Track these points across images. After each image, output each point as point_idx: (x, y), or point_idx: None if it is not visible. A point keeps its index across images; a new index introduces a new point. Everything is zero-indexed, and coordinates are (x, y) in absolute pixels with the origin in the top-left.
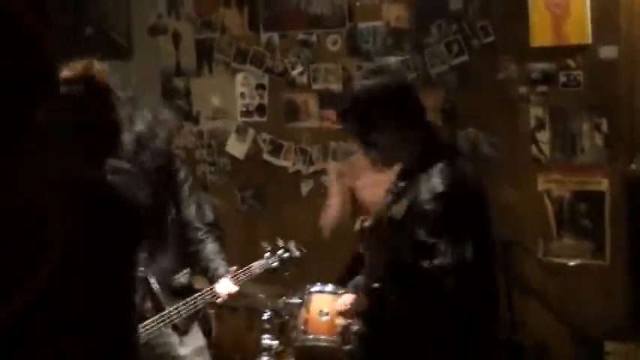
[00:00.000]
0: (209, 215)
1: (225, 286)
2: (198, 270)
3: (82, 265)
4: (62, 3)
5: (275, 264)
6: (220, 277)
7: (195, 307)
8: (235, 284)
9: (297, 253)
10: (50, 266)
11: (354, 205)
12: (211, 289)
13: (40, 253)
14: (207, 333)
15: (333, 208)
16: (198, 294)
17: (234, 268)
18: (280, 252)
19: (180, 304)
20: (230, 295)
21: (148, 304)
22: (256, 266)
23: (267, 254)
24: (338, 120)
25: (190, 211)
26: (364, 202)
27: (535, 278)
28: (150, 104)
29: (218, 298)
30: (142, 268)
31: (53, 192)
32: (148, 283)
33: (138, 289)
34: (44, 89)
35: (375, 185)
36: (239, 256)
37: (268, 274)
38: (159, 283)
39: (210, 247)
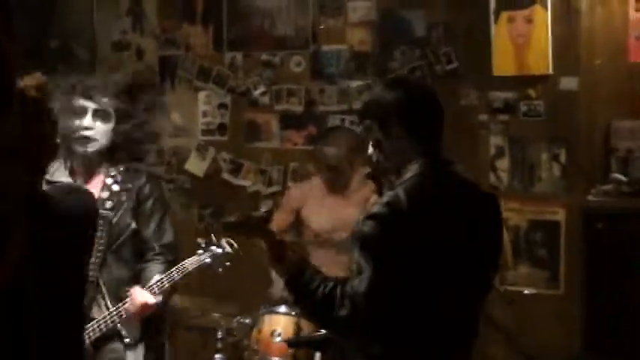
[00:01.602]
0: (167, 237)
1: (140, 296)
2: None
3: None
4: (28, 16)
5: (208, 260)
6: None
7: (113, 321)
8: (158, 292)
9: (228, 249)
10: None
11: (299, 228)
12: (130, 300)
13: None
14: (159, 350)
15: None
16: (116, 307)
17: (156, 278)
18: (213, 248)
19: (102, 317)
20: (144, 305)
21: (95, 310)
22: (188, 263)
23: (200, 251)
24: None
25: (149, 228)
26: (309, 226)
27: (491, 306)
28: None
29: (129, 310)
30: (93, 273)
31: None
32: (98, 288)
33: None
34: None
35: (323, 209)
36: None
37: (202, 271)
38: (109, 291)
39: (155, 268)
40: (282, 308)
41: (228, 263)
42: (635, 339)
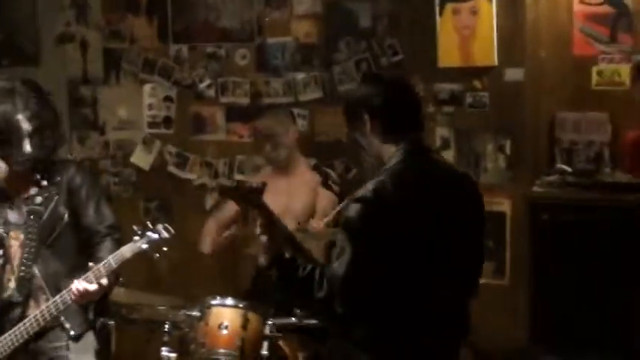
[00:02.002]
0: (109, 218)
1: (79, 284)
2: None
3: None
4: None
5: (144, 246)
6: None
7: (57, 309)
8: (96, 279)
9: (165, 234)
10: None
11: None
12: (69, 290)
13: None
14: (105, 343)
15: (220, 221)
16: (55, 297)
17: (92, 264)
18: (149, 234)
19: (42, 308)
20: (83, 293)
21: (31, 304)
22: (126, 250)
23: (136, 237)
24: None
25: (89, 215)
26: None
27: None
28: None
29: (68, 298)
30: (25, 269)
31: None
32: (34, 283)
33: (22, 287)
34: None
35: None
36: (141, 265)
37: (139, 257)
38: (48, 286)
39: (105, 247)
40: (230, 300)
41: (165, 249)
42: (581, 329)
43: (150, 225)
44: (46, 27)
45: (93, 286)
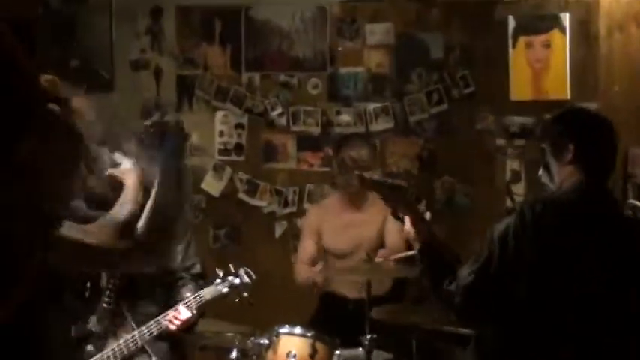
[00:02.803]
0: (196, 267)
1: (179, 311)
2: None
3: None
4: (50, 36)
5: (225, 290)
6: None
7: (150, 333)
8: (189, 311)
9: (246, 279)
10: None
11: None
12: (165, 315)
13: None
14: None
15: (306, 254)
16: (154, 320)
17: (188, 295)
18: (230, 278)
19: (134, 333)
20: (182, 321)
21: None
22: (206, 292)
23: (218, 280)
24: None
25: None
26: (328, 248)
27: None
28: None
29: (171, 322)
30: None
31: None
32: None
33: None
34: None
35: (340, 229)
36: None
37: (219, 300)
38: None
39: (189, 289)
40: (298, 329)
41: (245, 294)
42: None
43: (232, 269)
44: (122, 53)
45: (189, 314)
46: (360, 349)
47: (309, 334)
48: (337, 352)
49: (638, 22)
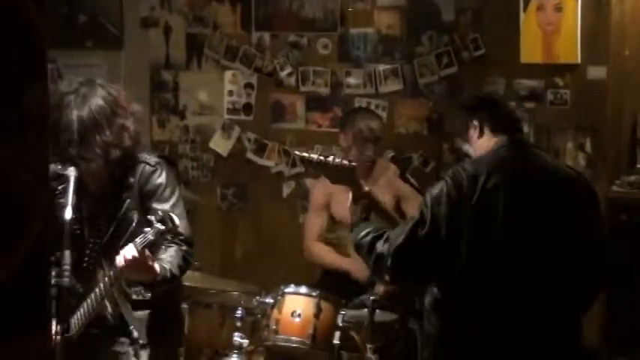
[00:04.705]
0: (186, 230)
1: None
2: None
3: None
4: None
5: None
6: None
7: (111, 283)
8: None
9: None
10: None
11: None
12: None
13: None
14: (179, 333)
15: (316, 229)
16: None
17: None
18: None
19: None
20: (128, 260)
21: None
22: (150, 233)
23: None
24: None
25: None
26: (340, 222)
27: None
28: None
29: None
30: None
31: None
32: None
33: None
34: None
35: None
36: (216, 251)
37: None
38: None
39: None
40: (303, 289)
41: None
42: None
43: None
44: (131, 10)
45: (134, 252)
46: (365, 309)
47: (314, 294)
48: (342, 312)
49: None
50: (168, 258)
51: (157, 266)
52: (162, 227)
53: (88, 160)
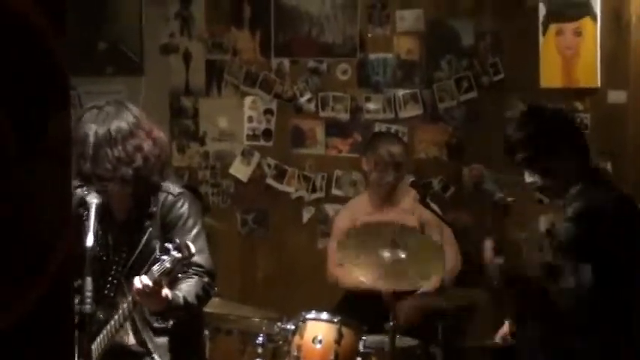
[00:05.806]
0: (208, 263)
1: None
2: None
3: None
4: (78, 17)
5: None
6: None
7: (129, 310)
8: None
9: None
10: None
11: None
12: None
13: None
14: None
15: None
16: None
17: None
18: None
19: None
20: (138, 289)
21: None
22: (167, 260)
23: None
24: (506, 150)
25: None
26: None
27: None
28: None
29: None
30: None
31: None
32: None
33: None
34: (57, 103)
35: None
36: (236, 277)
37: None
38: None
39: (188, 284)
40: (325, 315)
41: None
42: None
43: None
44: (151, 37)
45: (147, 281)
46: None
47: (335, 320)
48: (363, 337)
49: None
50: (185, 287)
51: (169, 294)
52: (179, 255)
53: (101, 178)
